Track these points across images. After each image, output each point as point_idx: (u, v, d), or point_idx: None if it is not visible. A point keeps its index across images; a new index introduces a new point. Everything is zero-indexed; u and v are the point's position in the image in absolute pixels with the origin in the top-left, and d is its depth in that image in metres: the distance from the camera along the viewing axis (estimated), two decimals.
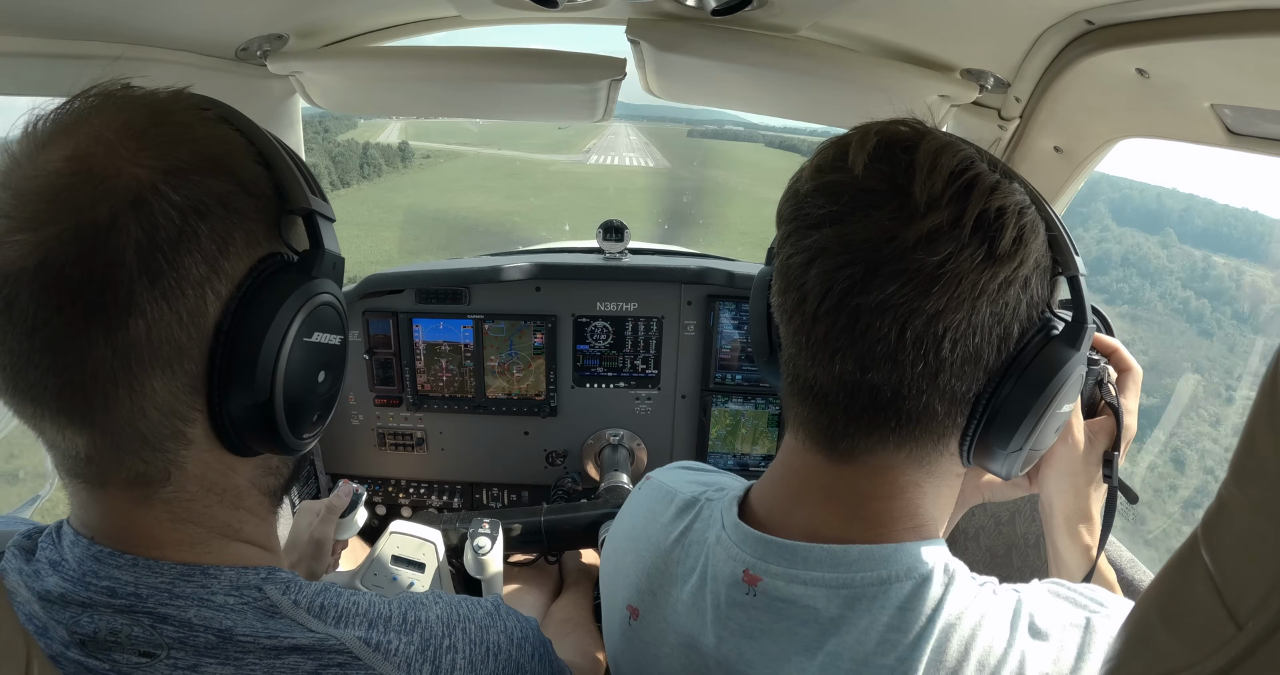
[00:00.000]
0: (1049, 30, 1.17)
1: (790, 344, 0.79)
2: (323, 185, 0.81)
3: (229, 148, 0.71)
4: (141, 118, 0.67)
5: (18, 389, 0.65)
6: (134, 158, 0.64)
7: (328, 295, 0.76)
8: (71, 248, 0.61)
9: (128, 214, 0.62)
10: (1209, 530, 0.48)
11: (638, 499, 1.05)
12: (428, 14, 1.69)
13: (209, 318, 0.67)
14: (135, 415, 0.66)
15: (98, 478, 0.70)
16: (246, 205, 0.70)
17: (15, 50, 1.04)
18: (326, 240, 0.76)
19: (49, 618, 0.69)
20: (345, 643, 0.73)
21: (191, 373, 0.68)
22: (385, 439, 2.32)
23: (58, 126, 0.66)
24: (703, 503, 0.94)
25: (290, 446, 0.76)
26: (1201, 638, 0.45)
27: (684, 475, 1.05)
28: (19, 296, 0.61)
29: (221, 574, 0.72)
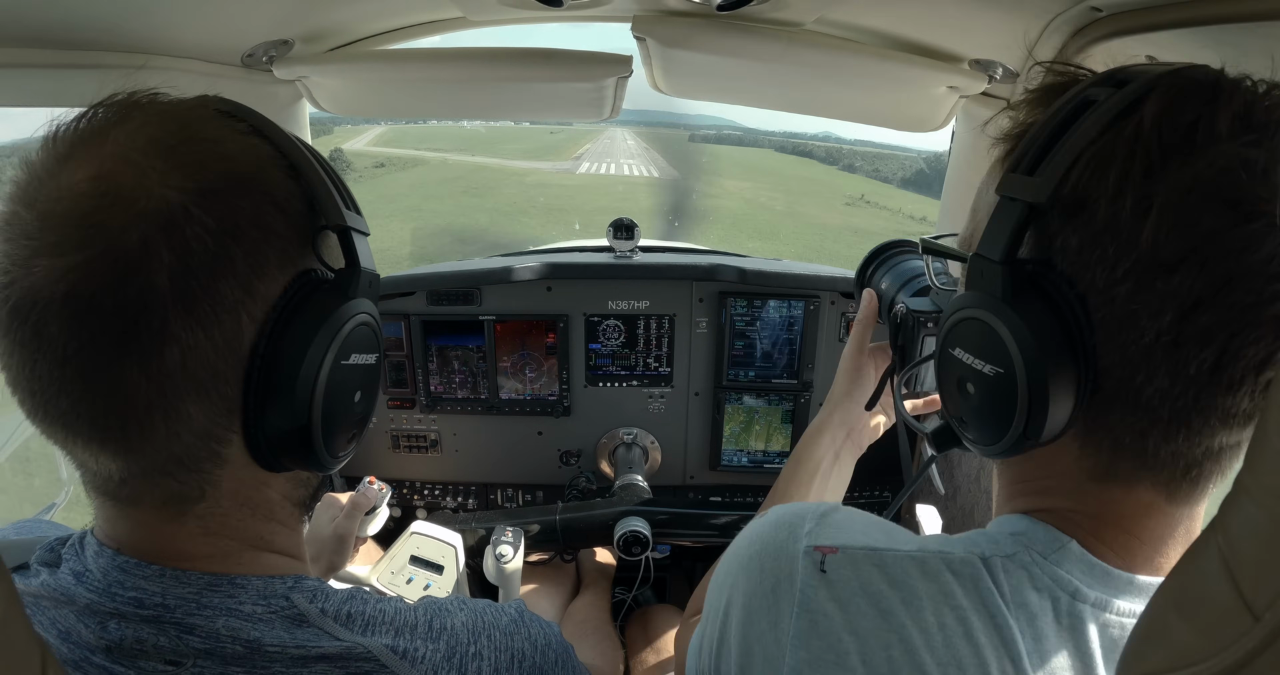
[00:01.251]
0: (1057, 18, 1.16)
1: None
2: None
3: (260, 163, 0.69)
4: (168, 134, 0.65)
5: (49, 415, 0.63)
6: (163, 178, 0.62)
7: (365, 315, 0.75)
8: (102, 276, 0.59)
9: (159, 239, 0.60)
10: (1225, 521, 0.47)
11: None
12: (432, 16, 1.69)
13: (244, 341, 0.66)
14: (171, 440, 0.65)
15: (130, 498, 0.69)
16: (280, 223, 0.68)
17: (20, 61, 1.04)
18: (362, 257, 0.75)
19: (75, 622, 0.69)
20: (372, 651, 0.72)
21: (228, 396, 0.67)
22: (399, 441, 2.33)
23: (80, 139, 0.63)
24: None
25: (326, 465, 0.75)
26: (1218, 630, 0.45)
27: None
28: (48, 326, 0.59)
29: (249, 583, 0.72)
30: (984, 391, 0.71)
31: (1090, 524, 0.70)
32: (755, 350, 2.21)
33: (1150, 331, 0.60)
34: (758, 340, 2.20)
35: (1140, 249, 0.60)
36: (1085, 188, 0.62)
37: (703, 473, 2.37)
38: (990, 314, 0.68)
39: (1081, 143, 0.63)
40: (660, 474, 2.36)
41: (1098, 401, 0.65)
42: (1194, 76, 0.62)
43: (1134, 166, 0.60)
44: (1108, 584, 0.68)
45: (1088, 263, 0.63)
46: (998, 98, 1.54)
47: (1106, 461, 0.68)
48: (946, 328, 0.75)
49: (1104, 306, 0.62)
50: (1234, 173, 0.57)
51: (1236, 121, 0.59)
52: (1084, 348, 0.64)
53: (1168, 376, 0.61)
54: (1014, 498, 0.78)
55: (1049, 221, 0.65)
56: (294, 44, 1.50)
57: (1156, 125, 0.60)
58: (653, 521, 1.85)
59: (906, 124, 1.82)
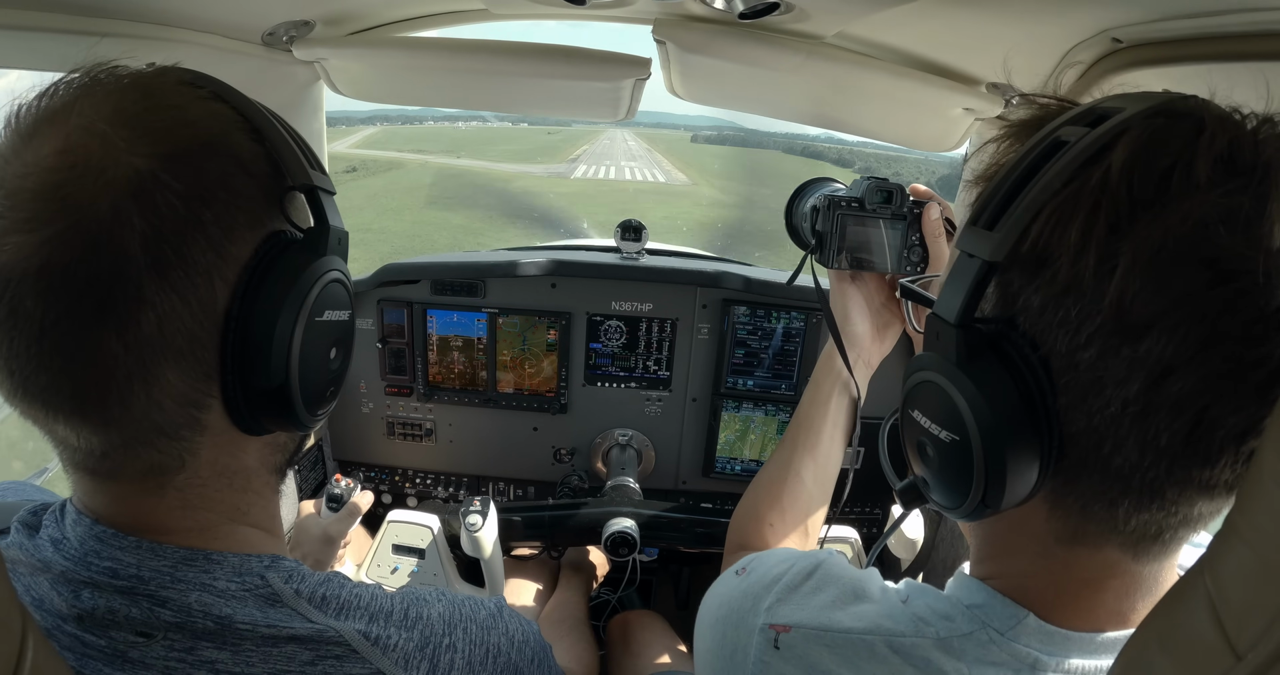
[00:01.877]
0: (1076, 47, 1.16)
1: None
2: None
3: (225, 127, 0.69)
4: (131, 102, 0.65)
5: (28, 393, 0.64)
6: (130, 147, 0.62)
7: (336, 272, 0.75)
8: (75, 247, 0.59)
9: (130, 206, 0.60)
10: (1213, 560, 0.47)
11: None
12: (455, 6, 1.69)
13: (219, 304, 0.66)
14: (151, 408, 0.65)
15: (110, 471, 0.70)
16: (247, 185, 0.69)
17: (38, 25, 1.04)
18: (330, 215, 0.76)
19: (49, 590, 0.69)
20: (344, 635, 0.72)
21: (205, 360, 0.67)
22: (394, 428, 2.33)
23: (44, 116, 0.63)
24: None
25: (305, 424, 0.76)
26: (1200, 668, 0.45)
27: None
28: (23, 301, 0.59)
29: (225, 559, 0.72)
30: (942, 457, 0.67)
31: (1051, 593, 0.69)
32: (755, 359, 2.21)
33: (1117, 400, 0.56)
34: (758, 350, 2.20)
35: (1105, 312, 0.55)
36: (1046, 244, 0.58)
37: (695, 478, 2.37)
38: (944, 378, 0.64)
39: (1045, 195, 0.58)
40: (653, 477, 2.36)
41: (1065, 468, 0.62)
42: (1174, 112, 0.57)
43: (1099, 221, 0.55)
44: (1068, 647, 0.68)
45: (1050, 324, 0.59)
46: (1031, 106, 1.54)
47: (1075, 526, 0.65)
48: (906, 389, 0.72)
49: (1068, 371, 0.58)
50: (1212, 227, 0.53)
51: (1218, 165, 0.54)
52: (1046, 414, 0.60)
53: (1137, 448, 0.57)
54: (982, 559, 0.77)
55: (1011, 278, 0.61)
56: (315, 25, 1.50)
57: (1126, 173, 0.55)
58: (641, 523, 1.85)
59: (920, 142, 1.82)
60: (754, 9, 1.31)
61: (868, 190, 1.22)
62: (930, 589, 0.78)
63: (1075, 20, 1.10)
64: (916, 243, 1.23)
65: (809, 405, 1.30)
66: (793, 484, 1.26)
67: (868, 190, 1.22)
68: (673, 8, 1.44)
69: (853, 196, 1.23)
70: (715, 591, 0.92)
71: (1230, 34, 0.90)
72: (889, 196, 1.22)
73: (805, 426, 1.29)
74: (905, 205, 1.23)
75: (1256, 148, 0.55)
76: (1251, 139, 0.55)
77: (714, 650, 0.84)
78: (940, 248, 1.21)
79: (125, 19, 1.17)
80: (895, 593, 0.79)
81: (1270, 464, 0.44)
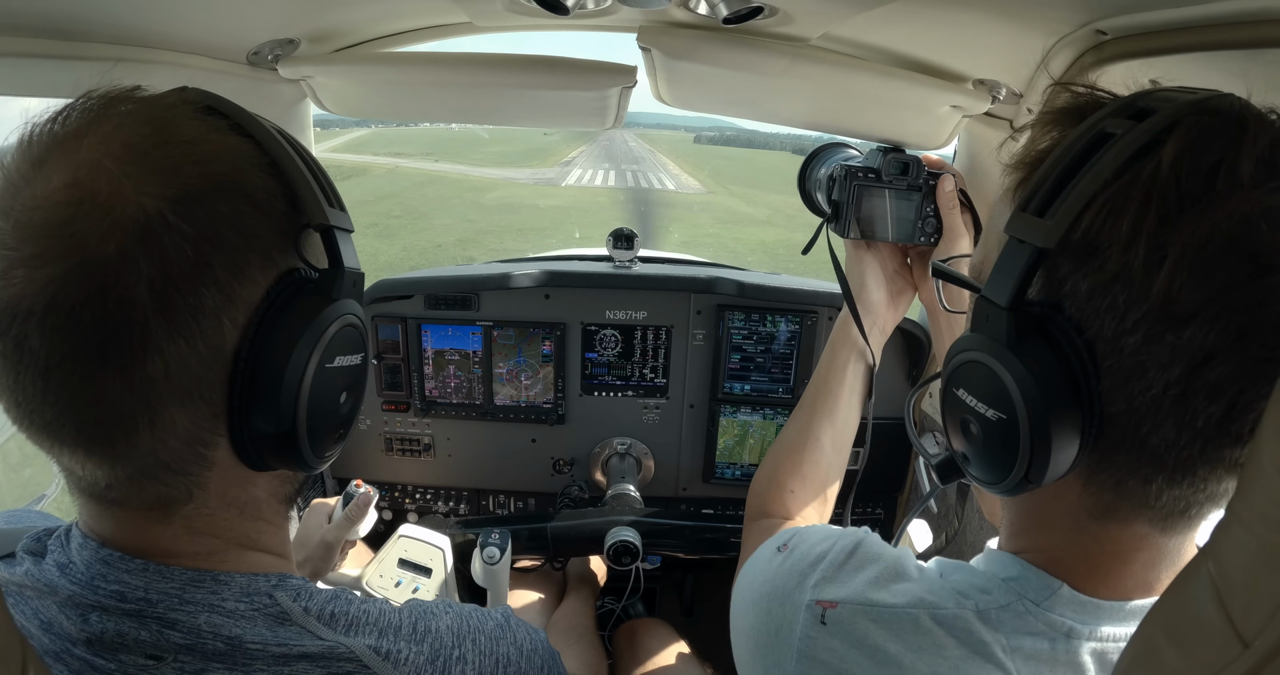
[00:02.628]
0: (1061, 41, 1.17)
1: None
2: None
3: (239, 164, 0.68)
4: (143, 137, 0.63)
5: (34, 425, 0.63)
6: (139, 186, 0.61)
7: (349, 317, 0.74)
8: (81, 288, 0.59)
9: (137, 250, 0.60)
10: (1217, 547, 0.47)
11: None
12: (439, 20, 1.70)
13: (227, 346, 0.66)
14: (157, 446, 0.65)
15: (115, 500, 0.69)
16: (260, 225, 0.67)
17: (23, 51, 1.04)
18: (345, 256, 0.74)
19: (57, 614, 0.69)
20: (355, 651, 0.72)
21: (212, 401, 0.67)
22: (392, 444, 2.32)
23: (55, 142, 0.63)
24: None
25: (312, 466, 0.75)
26: (1207, 655, 0.45)
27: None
28: (29, 338, 0.59)
29: (232, 580, 0.72)
30: (987, 434, 0.70)
31: (1083, 565, 0.73)
32: (752, 364, 2.21)
33: (1159, 383, 0.60)
34: (754, 354, 2.20)
35: (1152, 300, 0.58)
36: (1097, 234, 0.61)
37: (695, 485, 2.37)
38: (994, 359, 0.67)
39: (1095, 185, 0.61)
40: (653, 485, 2.35)
41: (1103, 446, 0.65)
42: (1219, 110, 0.60)
43: (1149, 214, 0.58)
44: (1099, 616, 0.71)
45: (1097, 310, 0.62)
46: (1001, 118, 1.54)
47: (1109, 501, 0.69)
48: (951, 368, 0.75)
49: (1112, 355, 0.61)
50: (1255, 223, 0.56)
51: (1260, 165, 0.57)
52: (1089, 395, 0.63)
53: (1174, 428, 0.61)
54: (1015, 534, 0.80)
55: (1059, 264, 0.64)
56: (300, 43, 1.50)
57: (1175, 169, 0.58)
58: (643, 532, 1.85)
59: (909, 141, 1.82)
60: (738, 14, 1.31)
61: (885, 162, 1.24)
62: (963, 565, 0.82)
63: (1059, 14, 1.11)
64: (931, 214, 1.25)
65: (827, 370, 1.31)
66: (812, 449, 1.27)
67: (885, 162, 1.24)
68: (656, 15, 1.44)
69: (869, 167, 1.25)
70: (755, 569, 0.94)
71: (1213, 22, 0.90)
72: (905, 168, 1.24)
73: (823, 393, 1.30)
74: (921, 177, 1.24)
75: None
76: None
77: (757, 627, 0.86)
78: (954, 220, 1.23)
79: (109, 42, 1.17)
80: (931, 570, 0.82)
81: (1270, 450, 0.44)
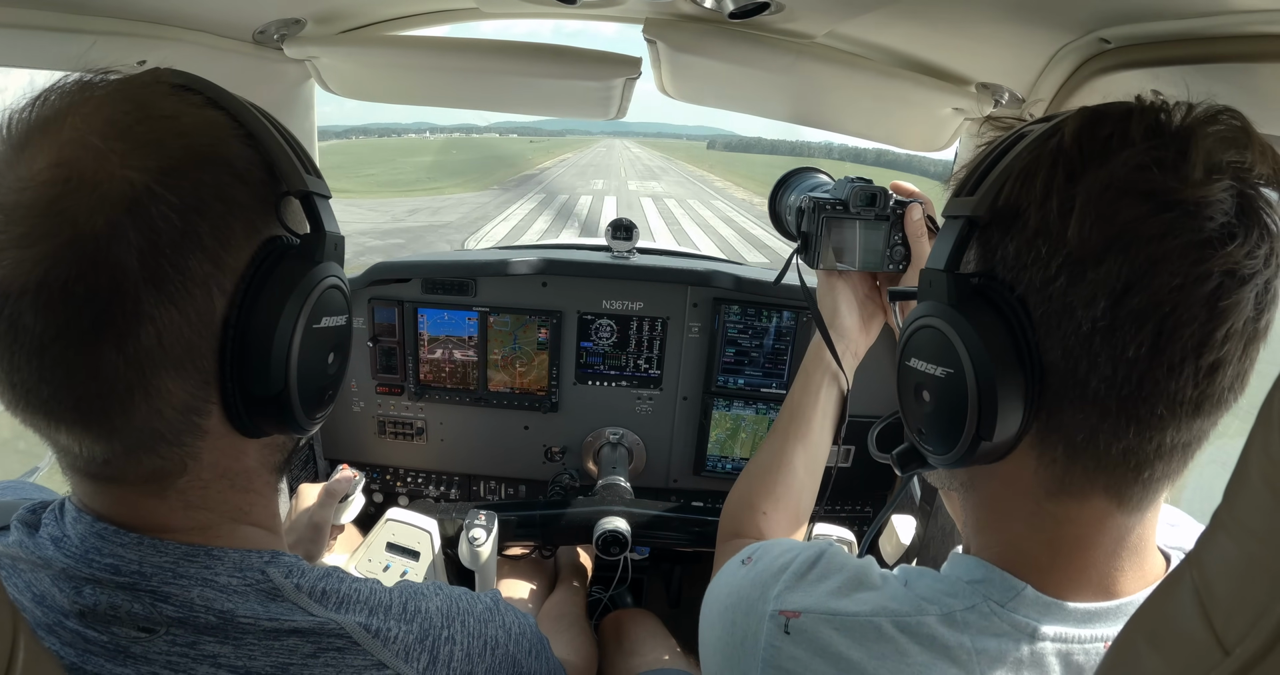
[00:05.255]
0: (1065, 48, 1.17)
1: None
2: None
3: (218, 135, 0.69)
4: (124, 113, 0.64)
5: (30, 405, 0.64)
6: (124, 160, 0.62)
7: (333, 278, 0.75)
8: (72, 262, 0.59)
9: (126, 221, 0.61)
10: (1201, 555, 0.48)
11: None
12: (446, 5, 1.70)
13: (217, 313, 0.67)
14: (153, 417, 0.66)
15: (111, 476, 0.70)
16: (243, 194, 0.69)
17: (30, 23, 1.04)
18: (325, 220, 0.76)
19: (50, 586, 0.69)
20: (345, 627, 0.73)
21: (204, 368, 0.68)
22: (385, 427, 2.33)
23: (35, 126, 0.63)
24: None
25: (304, 427, 0.76)
26: (1187, 662, 0.45)
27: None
28: (22, 317, 0.60)
29: (226, 555, 0.73)
30: (938, 395, 0.76)
31: (1046, 557, 0.75)
32: (746, 358, 2.22)
33: (1086, 320, 0.65)
34: (749, 348, 2.21)
35: (1069, 244, 0.65)
36: (1016, 198, 0.69)
37: (686, 477, 2.38)
38: (939, 319, 0.74)
39: (1014, 164, 0.70)
40: (644, 476, 2.36)
41: (1047, 402, 0.69)
42: (1113, 104, 0.69)
43: (1057, 173, 0.67)
44: (1064, 618, 0.73)
45: (1024, 264, 0.69)
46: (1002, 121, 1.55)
47: (1061, 470, 0.71)
48: (902, 342, 0.81)
49: (1043, 304, 0.68)
50: (1147, 169, 0.63)
51: (1148, 130, 0.65)
52: (1027, 344, 0.69)
53: (1109, 363, 0.65)
54: (978, 530, 0.83)
55: (989, 236, 0.72)
56: (306, 23, 1.50)
57: (1076, 139, 0.67)
58: (633, 522, 1.86)
59: (910, 143, 1.83)
60: (744, 9, 1.32)
61: (852, 194, 1.26)
62: (928, 571, 0.83)
63: (1064, 21, 1.11)
64: (899, 242, 1.28)
65: (800, 394, 1.33)
66: (785, 473, 1.30)
67: (852, 194, 1.26)
68: (663, 7, 1.44)
69: (838, 199, 1.27)
70: (721, 581, 0.95)
71: (1216, 36, 0.91)
72: (873, 199, 1.26)
73: (797, 416, 1.32)
74: (888, 207, 1.27)
75: (1176, 119, 0.66)
76: (1171, 113, 0.66)
77: (723, 638, 0.87)
78: (922, 247, 1.26)
79: (116, 17, 1.16)
80: (895, 578, 0.83)
81: (1256, 461, 0.45)
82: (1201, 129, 0.64)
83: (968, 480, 0.82)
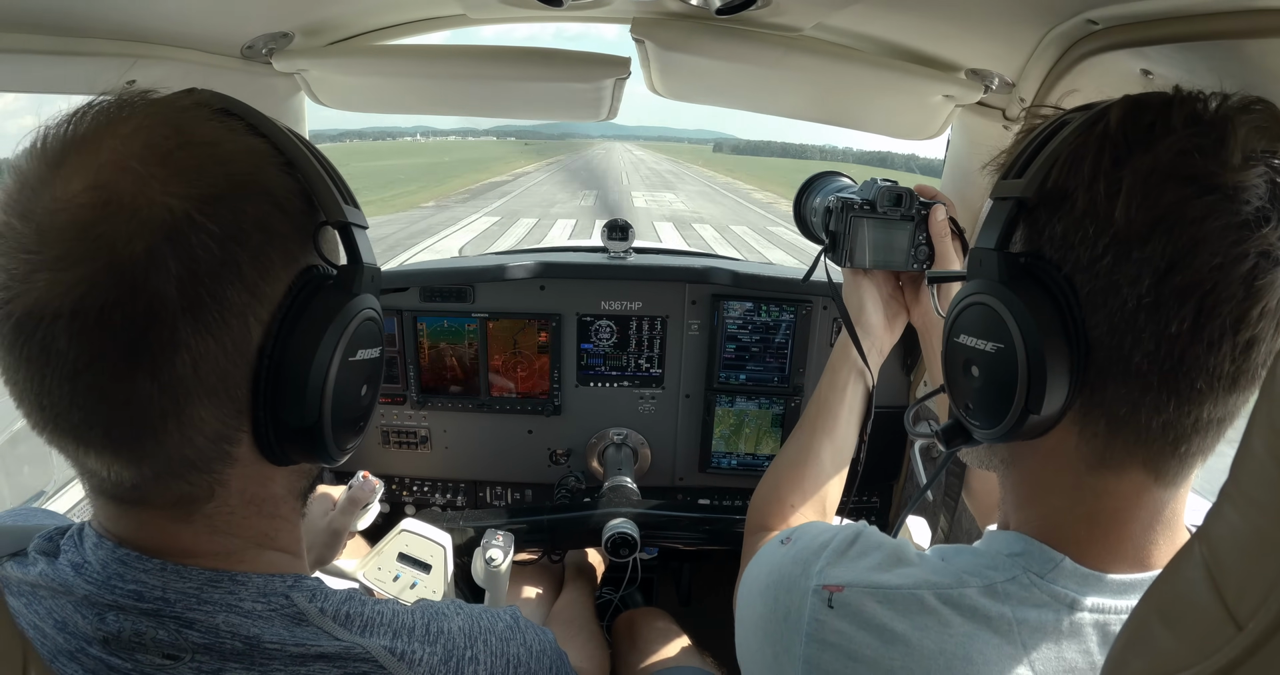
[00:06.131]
0: (1053, 31, 1.17)
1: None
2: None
3: (259, 163, 0.68)
4: (163, 138, 0.63)
5: (59, 428, 0.63)
6: (164, 187, 0.61)
7: (369, 311, 0.75)
8: (109, 288, 0.58)
9: (165, 249, 0.60)
10: (1209, 530, 0.48)
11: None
12: (433, 12, 1.69)
13: (252, 343, 0.66)
14: (184, 444, 0.65)
15: (137, 500, 0.69)
16: (282, 223, 0.68)
17: (18, 47, 1.03)
18: (363, 252, 0.75)
19: (72, 613, 0.69)
20: (371, 651, 0.73)
21: (237, 397, 0.67)
22: (389, 437, 2.33)
23: (71, 144, 0.62)
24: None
25: (335, 458, 0.75)
26: (1201, 638, 0.45)
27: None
28: (56, 341, 0.59)
29: (250, 581, 0.72)
30: (987, 370, 0.78)
31: (1084, 530, 0.77)
32: (747, 353, 2.22)
33: (1132, 297, 0.68)
34: (749, 343, 2.21)
35: (1116, 224, 0.68)
36: (1064, 181, 0.72)
37: (692, 474, 2.38)
38: (990, 296, 0.76)
39: (1061, 148, 0.73)
40: (649, 475, 2.36)
41: (1091, 377, 0.72)
42: (1153, 94, 0.72)
43: (1104, 158, 0.69)
44: (1101, 589, 0.75)
45: (1072, 244, 0.71)
46: (993, 107, 1.55)
47: (1102, 445, 0.74)
48: (951, 319, 0.83)
49: (1089, 281, 0.70)
50: (1189, 155, 0.66)
51: (1189, 117, 0.68)
52: (1074, 322, 0.71)
53: (1153, 339, 0.68)
54: (1018, 506, 0.84)
55: (1037, 217, 0.75)
56: (294, 37, 1.49)
57: (1121, 126, 0.70)
58: (641, 523, 1.86)
59: (902, 132, 1.83)
60: (731, 4, 1.32)
61: (879, 194, 1.31)
62: (964, 547, 0.86)
63: (1051, 4, 1.11)
64: (923, 242, 1.32)
65: (827, 390, 1.37)
66: (813, 466, 1.33)
67: (879, 194, 1.31)
68: (650, 6, 1.44)
69: (866, 199, 1.31)
70: (760, 562, 0.98)
71: (1201, 12, 0.91)
72: (899, 199, 1.31)
73: (824, 412, 1.36)
74: (914, 207, 1.31)
75: (1213, 108, 0.69)
76: (1208, 102, 0.70)
77: (765, 615, 0.89)
78: (945, 246, 1.30)
79: (103, 37, 1.16)
80: (932, 555, 0.86)
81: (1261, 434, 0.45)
82: (1238, 117, 0.67)
83: (1008, 456, 0.84)
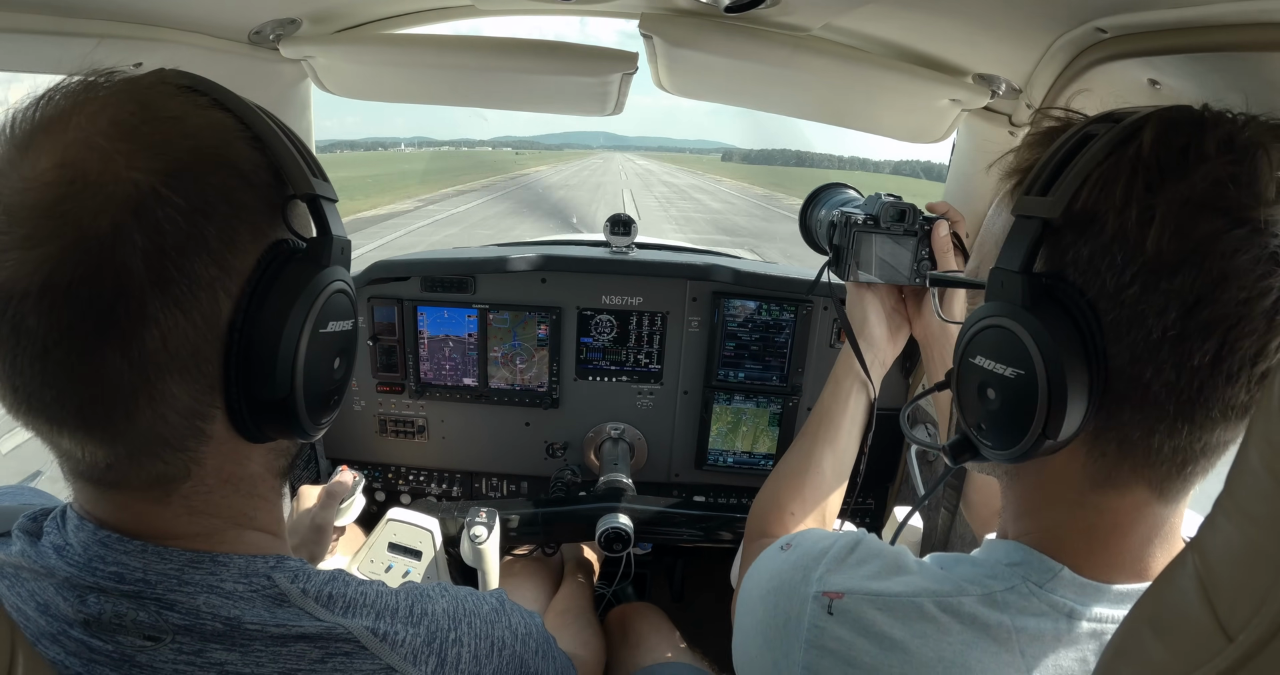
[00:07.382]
0: (1062, 38, 1.17)
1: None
2: None
3: (225, 137, 0.68)
4: (129, 115, 0.63)
5: (32, 409, 0.63)
6: (130, 161, 0.61)
7: (339, 283, 0.75)
8: (77, 265, 0.58)
9: (131, 224, 0.60)
10: (1202, 542, 0.48)
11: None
12: (442, 2, 1.69)
13: (222, 317, 0.66)
14: (157, 421, 0.65)
15: (114, 482, 0.69)
16: (249, 197, 0.68)
17: (25, 27, 1.03)
18: (332, 224, 0.75)
19: (54, 595, 0.69)
20: (353, 632, 0.73)
21: (209, 373, 0.67)
22: (386, 426, 2.33)
23: (39, 126, 0.62)
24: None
25: (309, 432, 0.75)
26: (1192, 649, 0.46)
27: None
28: (25, 319, 0.59)
29: (231, 561, 0.72)
30: (1005, 394, 0.76)
31: (1083, 542, 0.77)
32: (746, 351, 2.22)
33: (1157, 328, 0.67)
34: (749, 342, 2.21)
35: (1146, 254, 0.66)
36: (1094, 203, 0.69)
37: (688, 471, 2.38)
38: (1011, 320, 0.74)
39: (1089, 166, 0.70)
40: (645, 470, 2.37)
41: (1109, 402, 0.71)
42: (1182, 111, 0.70)
43: (1137, 182, 0.67)
44: (1099, 599, 0.75)
45: (1098, 270, 0.69)
46: (999, 113, 1.54)
47: (1110, 465, 0.74)
48: (966, 338, 0.81)
49: (1113, 309, 0.69)
50: (1224, 185, 0.65)
51: (1221, 143, 0.66)
52: (1096, 348, 0.70)
53: (1174, 370, 0.67)
54: (1018, 517, 0.85)
55: (1062, 237, 0.72)
56: (302, 23, 1.49)
57: (1154, 148, 0.68)
58: (635, 519, 1.86)
59: (908, 134, 1.82)
60: (739, 2, 1.31)
61: (882, 209, 1.32)
62: (963, 556, 0.86)
63: (1061, 11, 1.11)
64: (926, 257, 1.33)
65: (830, 400, 1.38)
66: (814, 475, 1.34)
67: (882, 209, 1.32)
68: (659, 2, 1.44)
69: (870, 214, 1.32)
70: (760, 567, 0.98)
71: (1211, 24, 0.91)
72: (902, 214, 1.32)
73: (826, 422, 1.37)
74: (917, 222, 1.32)
75: (1248, 135, 0.67)
76: (1241, 126, 0.68)
77: (764, 621, 0.89)
78: (948, 262, 1.31)
79: (110, 19, 1.16)
80: (931, 564, 0.86)
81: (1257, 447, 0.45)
82: (1271, 144, 0.66)
83: (1013, 469, 0.84)
